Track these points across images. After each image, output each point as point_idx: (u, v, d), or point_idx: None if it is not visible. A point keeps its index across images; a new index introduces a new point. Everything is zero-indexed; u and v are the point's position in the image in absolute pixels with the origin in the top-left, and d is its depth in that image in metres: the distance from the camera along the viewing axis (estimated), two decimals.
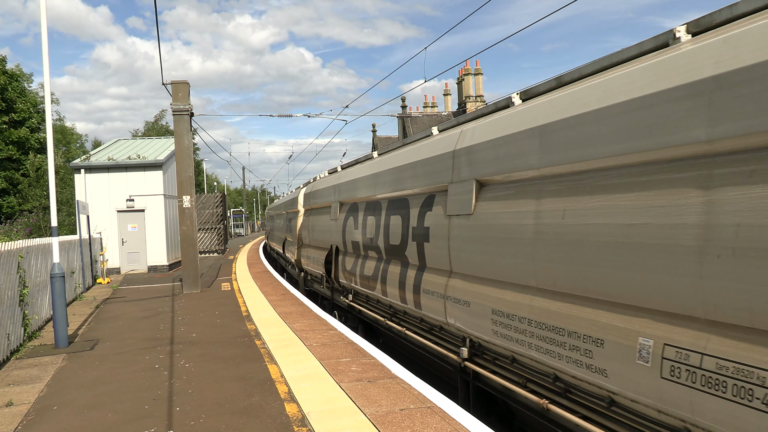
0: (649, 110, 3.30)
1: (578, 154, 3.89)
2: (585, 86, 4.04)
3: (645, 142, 3.31)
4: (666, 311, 3.18)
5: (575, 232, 3.90)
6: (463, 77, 33.73)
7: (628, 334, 3.42)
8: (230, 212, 66.46)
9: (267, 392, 6.01)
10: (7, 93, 37.23)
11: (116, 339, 9.39)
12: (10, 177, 37.71)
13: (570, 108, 4.05)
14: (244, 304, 12.27)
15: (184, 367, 7.29)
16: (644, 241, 3.30)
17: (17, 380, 7.12)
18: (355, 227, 9.59)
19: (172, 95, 15.16)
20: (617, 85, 3.66)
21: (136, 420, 5.40)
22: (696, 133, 2.97)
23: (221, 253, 31.52)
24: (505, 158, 4.86)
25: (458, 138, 5.86)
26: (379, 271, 8.37)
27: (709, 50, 3.02)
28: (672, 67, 3.22)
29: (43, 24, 8.89)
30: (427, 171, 6.58)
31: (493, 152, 5.08)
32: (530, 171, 4.49)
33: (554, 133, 4.19)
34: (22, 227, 22.92)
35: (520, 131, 4.67)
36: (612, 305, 3.61)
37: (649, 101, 3.31)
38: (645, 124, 3.30)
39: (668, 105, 3.16)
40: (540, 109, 4.49)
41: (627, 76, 3.60)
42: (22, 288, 9.35)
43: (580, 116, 3.90)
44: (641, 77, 3.45)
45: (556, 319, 4.14)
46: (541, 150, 4.34)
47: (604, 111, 3.67)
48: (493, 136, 5.12)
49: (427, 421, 4.86)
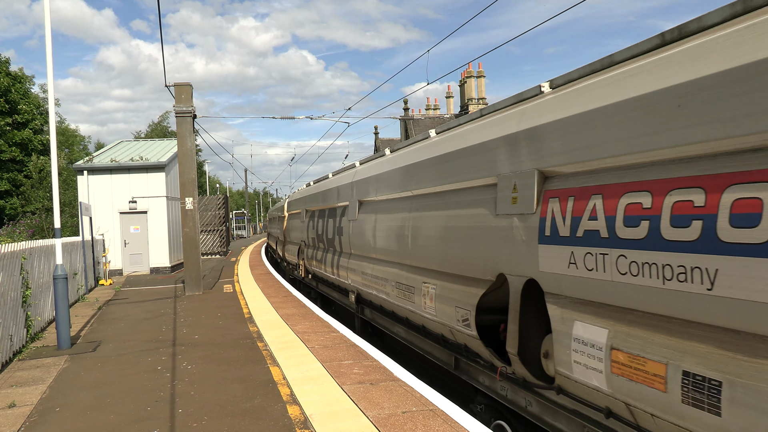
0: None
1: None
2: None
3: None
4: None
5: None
6: (465, 80, 33.75)
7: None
8: (232, 214, 66.54)
9: (269, 394, 6.01)
10: (11, 95, 37.35)
11: (118, 340, 9.40)
12: (13, 179, 37.82)
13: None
14: (246, 306, 12.27)
15: (186, 369, 7.29)
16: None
17: (20, 381, 7.13)
18: (312, 228, 14.27)
19: (175, 97, 15.19)
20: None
21: (138, 421, 5.41)
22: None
23: (223, 255, 31.55)
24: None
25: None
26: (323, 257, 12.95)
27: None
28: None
29: (47, 27, 8.92)
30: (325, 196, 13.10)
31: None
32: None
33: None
34: (24, 229, 22.98)
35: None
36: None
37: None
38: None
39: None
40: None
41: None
42: (24, 289, 9.36)
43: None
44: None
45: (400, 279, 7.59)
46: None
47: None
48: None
49: (429, 423, 4.86)
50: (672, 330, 3.14)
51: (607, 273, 3.56)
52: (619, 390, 3.51)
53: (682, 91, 3.05)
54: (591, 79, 4.08)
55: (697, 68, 3.02)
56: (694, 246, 2.95)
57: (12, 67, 38.47)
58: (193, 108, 15.30)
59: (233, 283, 17.05)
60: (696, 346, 2.97)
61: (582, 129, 3.84)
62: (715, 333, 2.86)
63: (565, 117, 4.04)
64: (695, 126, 2.95)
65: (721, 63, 2.87)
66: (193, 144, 15.43)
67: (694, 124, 2.96)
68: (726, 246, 2.77)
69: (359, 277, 9.67)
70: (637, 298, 3.33)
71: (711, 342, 2.88)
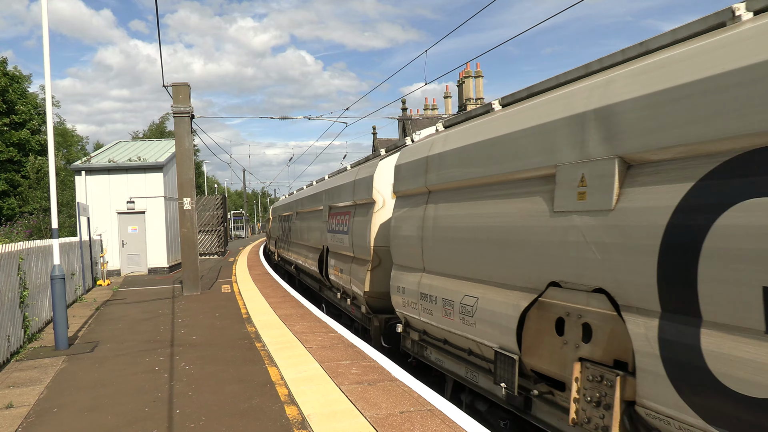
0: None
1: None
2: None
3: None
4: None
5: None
6: (463, 80, 33.75)
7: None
8: (230, 214, 66.47)
9: (267, 395, 6.01)
10: (8, 95, 37.25)
11: (116, 341, 9.38)
12: (10, 179, 37.70)
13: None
14: (244, 307, 12.27)
15: (184, 370, 7.29)
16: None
17: (17, 382, 7.12)
18: (285, 227, 18.31)
19: (173, 97, 15.18)
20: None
21: (136, 422, 5.40)
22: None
23: (221, 255, 31.52)
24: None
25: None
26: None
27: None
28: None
29: (45, 27, 8.90)
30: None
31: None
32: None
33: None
34: (22, 229, 22.92)
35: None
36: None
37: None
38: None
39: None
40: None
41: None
42: (22, 290, 9.35)
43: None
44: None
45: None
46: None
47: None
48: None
49: (427, 423, 4.86)
50: None
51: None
52: None
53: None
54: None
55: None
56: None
57: (8, 67, 38.35)
58: (191, 108, 15.28)
59: (231, 284, 17.04)
60: None
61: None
62: None
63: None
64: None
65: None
66: (191, 144, 15.42)
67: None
68: None
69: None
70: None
71: None
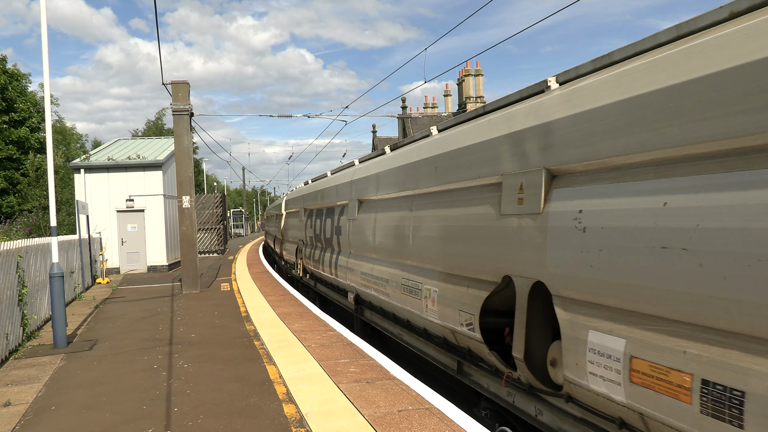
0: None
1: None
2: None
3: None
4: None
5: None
6: (463, 78, 33.74)
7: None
8: (230, 212, 66.45)
9: (265, 393, 6.01)
10: (8, 92, 37.22)
11: (115, 339, 9.38)
12: (9, 177, 37.69)
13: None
14: (244, 305, 12.27)
15: (182, 368, 7.29)
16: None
17: (15, 380, 7.12)
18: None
19: (172, 95, 15.16)
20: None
21: (134, 420, 5.40)
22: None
23: (221, 254, 31.51)
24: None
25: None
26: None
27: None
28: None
29: (43, 25, 8.88)
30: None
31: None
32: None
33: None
34: (21, 227, 22.92)
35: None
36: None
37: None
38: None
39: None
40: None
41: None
42: (21, 288, 9.34)
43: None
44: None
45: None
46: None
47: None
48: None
49: (425, 422, 4.86)
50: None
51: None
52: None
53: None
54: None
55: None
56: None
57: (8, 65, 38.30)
58: (190, 106, 15.26)
59: (230, 282, 17.03)
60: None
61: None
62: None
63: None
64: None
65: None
66: (191, 142, 15.40)
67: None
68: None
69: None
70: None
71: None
